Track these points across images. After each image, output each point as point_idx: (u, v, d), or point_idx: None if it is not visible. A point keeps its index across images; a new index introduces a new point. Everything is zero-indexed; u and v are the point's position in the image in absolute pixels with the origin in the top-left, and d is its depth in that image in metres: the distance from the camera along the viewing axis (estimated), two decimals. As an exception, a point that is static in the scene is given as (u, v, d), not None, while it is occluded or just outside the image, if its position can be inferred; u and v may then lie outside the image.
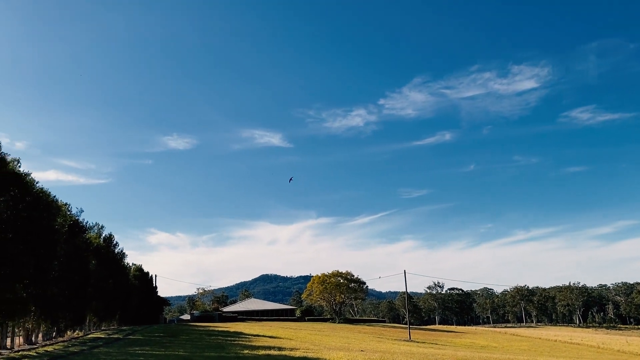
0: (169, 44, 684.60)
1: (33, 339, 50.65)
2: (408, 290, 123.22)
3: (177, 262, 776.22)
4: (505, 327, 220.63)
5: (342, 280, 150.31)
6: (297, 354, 38.82)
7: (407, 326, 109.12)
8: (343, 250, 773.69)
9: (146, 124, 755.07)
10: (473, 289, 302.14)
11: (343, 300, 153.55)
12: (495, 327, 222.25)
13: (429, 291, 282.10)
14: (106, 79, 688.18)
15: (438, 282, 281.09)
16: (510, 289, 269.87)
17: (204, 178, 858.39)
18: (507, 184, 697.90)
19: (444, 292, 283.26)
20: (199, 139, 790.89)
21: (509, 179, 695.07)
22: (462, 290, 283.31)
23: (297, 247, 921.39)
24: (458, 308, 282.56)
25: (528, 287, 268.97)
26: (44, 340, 53.28)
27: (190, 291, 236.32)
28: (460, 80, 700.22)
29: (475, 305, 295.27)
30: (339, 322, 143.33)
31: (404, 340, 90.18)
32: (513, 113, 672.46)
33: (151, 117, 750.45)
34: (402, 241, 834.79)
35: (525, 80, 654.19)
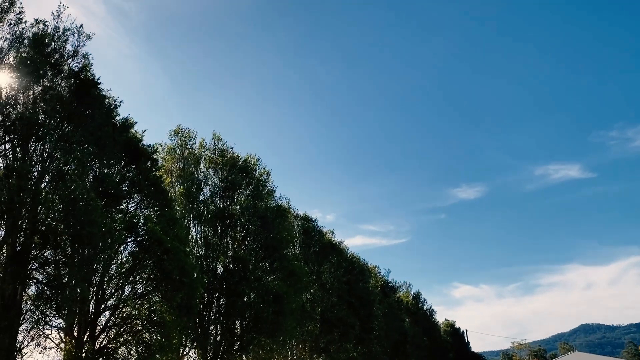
0: (446, 95, 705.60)
1: (366, 395, 54.20)
2: None
3: (484, 314, 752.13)
4: None
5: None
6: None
7: None
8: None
9: (435, 180, 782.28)
10: None
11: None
12: None
13: None
14: (395, 146, 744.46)
15: None
16: None
17: (500, 224, 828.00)
18: None
19: None
20: (488, 186, 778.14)
21: None
22: None
23: (621, 289, 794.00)
24: None
25: None
26: (375, 397, 56.57)
27: (502, 345, 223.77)
28: None
29: None
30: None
31: None
32: None
33: (439, 171, 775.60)
34: None
35: None
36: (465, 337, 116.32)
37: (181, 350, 26.62)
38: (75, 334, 20.32)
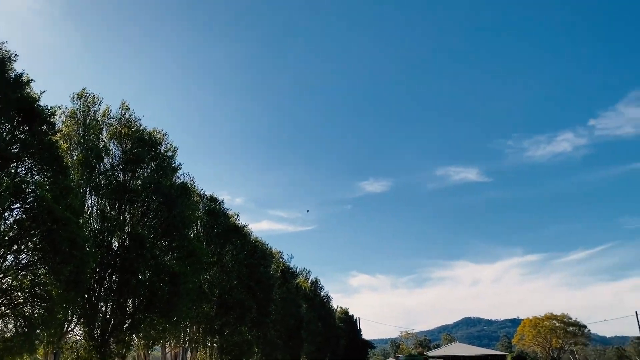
0: (361, 91, 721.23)
1: (257, 378, 54.63)
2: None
3: (378, 304, 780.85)
4: None
5: (557, 324, 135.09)
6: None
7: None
8: (557, 289, 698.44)
9: (345, 171, 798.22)
10: None
11: (561, 346, 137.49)
12: None
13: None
14: (309, 134, 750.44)
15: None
16: None
17: (401, 219, 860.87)
18: None
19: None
20: (394, 181, 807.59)
21: None
22: None
23: (502, 287, 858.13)
24: None
25: None
26: (266, 380, 57.19)
27: (392, 334, 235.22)
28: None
29: None
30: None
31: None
32: None
33: (349, 164, 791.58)
34: (630, 277, 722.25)
35: None
36: (358, 325, 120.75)
37: (66, 326, 25.27)
38: (-56, 304, 18.62)
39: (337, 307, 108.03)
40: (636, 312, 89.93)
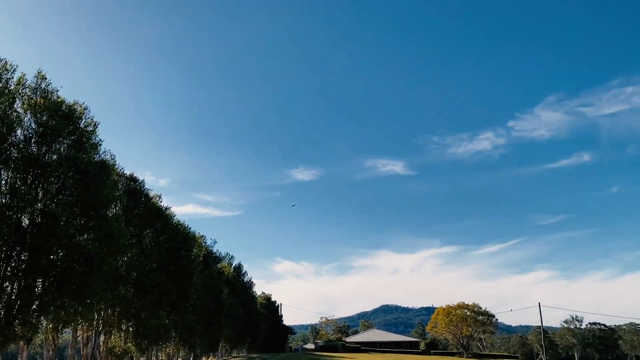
0: (293, 81, 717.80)
1: (174, 363, 53.79)
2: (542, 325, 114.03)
3: (301, 290, 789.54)
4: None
5: (468, 313, 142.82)
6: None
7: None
8: (469, 280, 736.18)
9: (275, 159, 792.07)
10: (618, 324, 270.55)
11: (470, 333, 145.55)
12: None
13: (565, 326, 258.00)
14: (239, 120, 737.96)
15: (576, 316, 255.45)
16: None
17: (328, 207, 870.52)
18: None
19: (583, 327, 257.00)
20: (323, 170, 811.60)
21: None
22: (605, 326, 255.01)
23: (420, 276, 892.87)
24: (602, 345, 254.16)
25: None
26: (183, 364, 56.42)
27: (313, 320, 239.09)
28: (599, 97, 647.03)
29: (621, 342, 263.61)
30: (466, 357, 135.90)
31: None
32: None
33: (280, 151, 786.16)
34: (536, 271, 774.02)
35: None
36: (280, 311, 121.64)
37: (-35, 307, 23.65)
38: None
39: (261, 292, 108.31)
40: (539, 304, 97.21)
